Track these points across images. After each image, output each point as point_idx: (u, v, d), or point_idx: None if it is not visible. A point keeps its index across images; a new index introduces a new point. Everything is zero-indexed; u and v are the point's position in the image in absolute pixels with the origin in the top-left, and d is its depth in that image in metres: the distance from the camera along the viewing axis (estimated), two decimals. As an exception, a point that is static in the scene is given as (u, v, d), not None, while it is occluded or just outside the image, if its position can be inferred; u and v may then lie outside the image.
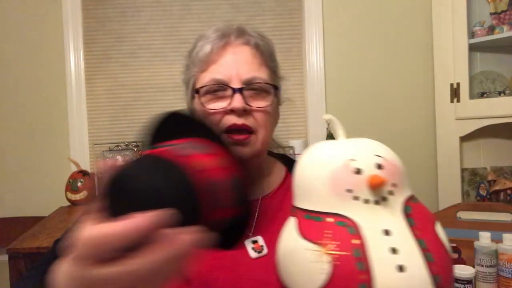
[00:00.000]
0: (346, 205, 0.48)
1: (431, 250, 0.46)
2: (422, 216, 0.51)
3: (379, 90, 1.93)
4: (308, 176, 0.53)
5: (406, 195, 0.51)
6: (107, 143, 1.94)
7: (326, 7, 1.94)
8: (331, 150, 0.53)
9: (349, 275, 0.44)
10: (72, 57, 1.94)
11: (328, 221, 0.48)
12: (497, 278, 1.12)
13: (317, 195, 0.50)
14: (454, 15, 1.68)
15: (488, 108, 1.63)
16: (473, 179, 1.77)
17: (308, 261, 0.46)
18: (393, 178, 0.50)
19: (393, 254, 0.45)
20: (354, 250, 0.45)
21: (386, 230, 0.47)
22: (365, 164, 0.49)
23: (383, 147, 0.55)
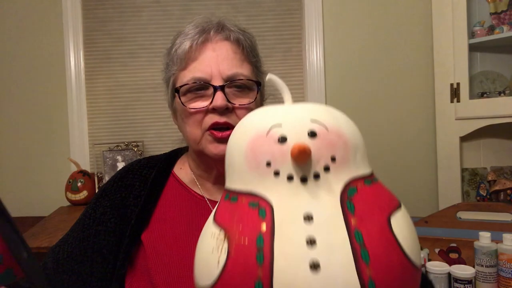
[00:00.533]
0: (265, 183, 0.38)
1: (370, 247, 0.35)
2: (372, 202, 0.38)
3: (379, 90, 1.93)
4: (230, 148, 0.43)
5: (355, 174, 0.40)
6: (107, 143, 1.94)
7: (326, 7, 1.93)
8: (258, 116, 0.43)
9: (244, 269, 0.35)
10: (72, 57, 1.94)
11: (242, 202, 0.39)
12: (497, 278, 1.12)
13: (236, 171, 0.41)
14: (454, 15, 1.68)
15: (488, 108, 1.63)
16: (473, 179, 1.76)
17: (209, 249, 0.38)
18: (331, 150, 0.39)
19: (309, 246, 0.34)
20: (257, 238, 0.35)
21: (309, 215, 0.36)
22: (293, 131, 0.39)
23: (331, 112, 0.42)
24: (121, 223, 0.71)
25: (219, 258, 0.37)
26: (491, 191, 1.69)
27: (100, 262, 0.69)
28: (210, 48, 0.69)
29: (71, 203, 1.78)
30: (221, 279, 0.36)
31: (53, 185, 1.90)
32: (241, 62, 0.70)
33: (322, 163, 0.38)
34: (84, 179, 1.76)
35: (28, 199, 1.93)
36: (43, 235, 1.36)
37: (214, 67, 0.67)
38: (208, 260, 0.38)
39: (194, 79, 0.67)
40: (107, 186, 0.77)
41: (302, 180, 0.38)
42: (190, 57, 0.69)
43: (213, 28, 0.71)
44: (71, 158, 1.85)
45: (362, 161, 0.41)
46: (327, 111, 0.42)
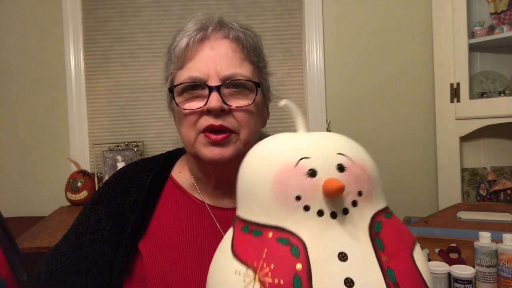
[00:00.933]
0: (294, 217, 0.36)
1: (402, 284, 0.35)
2: (396, 237, 0.38)
3: (379, 90, 1.93)
4: (250, 177, 0.40)
5: (377, 208, 0.39)
6: (107, 143, 1.94)
7: (326, 7, 1.93)
8: (281, 145, 0.41)
9: None
10: (72, 57, 1.94)
11: (269, 236, 0.37)
12: (497, 278, 1.12)
13: (259, 202, 0.38)
14: (454, 15, 1.68)
15: (488, 108, 1.63)
16: (473, 179, 1.76)
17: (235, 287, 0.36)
18: (359, 184, 0.38)
19: (347, 287, 0.34)
20: (294, 278, 0.34)
21: (343, 254, 0.35)
22: (322, 165, 0.38)
23: (351, 143, 0.42)
24: (117, 232, 0.67)
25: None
26: (491, 191, 1.69)
27: (95, 273, 0.65)
28: (208, 46, 0.65)
29: (71, 203, 1.78)
30: None
31: (53, 185, 1.90)
32: (240, 62, 0.66)
33: (351, 198, 0.38)
34: (84, 179, 1.76)
35: (28, 199, 1.93)
36: (43, 235, 1.36)
37: (212, 66, 0.64)
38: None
39: (190, 79, 0.64)
40: (102, 192, 0.73)
41: (332, 215, 0.37)
42: (187, 55, 0.66)
43: (211, 25, 0.68)
44: (71, 158, 1.85)
45: (381, 194, 0.41)
46: (349, 144, 0.42)
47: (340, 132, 0.45)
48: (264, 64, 0.72)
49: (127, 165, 0.78)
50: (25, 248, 1.27)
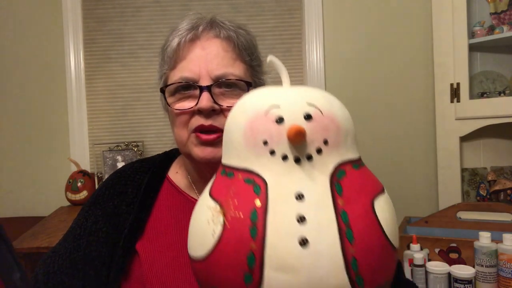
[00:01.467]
0: (261, 160, 0.40)
1: (354, 227, 0.37)
2: (359, 185, 0.40)
3: (379, 90, 1.93)
4: (229, 125, 0.44)
5: (344, 158, 0.41)
6: (107, 143, 1.94)
7: (326, 7, 1.93)
8: (257, 96, 0.44)
9: (238, 241, 0.37)
10: (72, 57, 1.94)
11: (238, 177, 0.40)
12: (497, 278, 1.12)
13: (234, 148, 0.42)
14: (454, 15, 1.68)
15: (488, 108, 1.63)
16: (473, 179, 1.76)
17: (204, 220, 0.40)
18: (325, 133, 0.40)
19: (299, 223, 0.36)
20: (251, 212, 0.37)
21: (300, 194, 0.38)
22: (290, 113, 0.40)
23: (328, 98, 0.44)
24: (113, 233, 0.67)
25: (214, 229, 0.38)
26: (491, 191, 1.69)
27: (92, 275, 0.65)
28: (199, 46, 0.65)
29: (71, 203, 1.78)
30: (216, 250, 0.38)
31: (53, 185, 1.90)
32: (232, 61, 0.65)
33: (316, 145, 0.40)
34: (84, 179, 1.76)
35: (28, 199, 1.93)
36: (43, 235, 1.36)
37: (203, 66, 0.63)
38: (203, 231, 0.40)
39: (182, 79, 0.64)
40: (99, 193, 0.73)
41: (295, 160, 0.39)
42: (179, 55, 0.66)
43: (202, 25, 0.67)
44: (71, 158, 1.85)
45: (351, 146, 0.43)
46: (323, 96, 0.44)
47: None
48: (258, 63, 0.72)
49: (124, 166, 0.78)
50: (25, 248, 1.27)
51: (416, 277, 1.20)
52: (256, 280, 0.36)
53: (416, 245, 1.25)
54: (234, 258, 0.37)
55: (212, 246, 0.38)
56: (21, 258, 1.27)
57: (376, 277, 0.38)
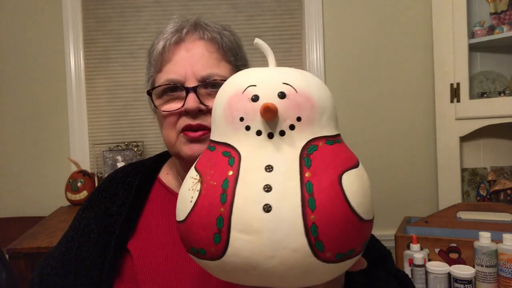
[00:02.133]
0: (237, 135, 0.43)
1: (317, 196, 0.39)
2: (329, 159, 0.42)
3: (379, 90, 1.93)
4: (214, 104, 0.48)
5: (318, 134, 0.44)
6: (107, 143, 1.94)
7: (326, 7, 1.93)
8: (238, 76, 0.47)
9: (210, 206, 0.41)
10: (72, 57, 1.94)
11: (218, 151, 0.45)
12: (497, 278, 1.12)
13: (216, 124, 0.46)
14: (454, 15, 1.68)
15: (488, 108, 1.63)
16: (473, 179, 1.77)
17: (186, 188, 0.44)
18: (298, 111, 0.43)
19: (265, 191, 0.40)
20: (224, 181, 0.41)
21: (269, 166, 0.41)
22: (265, 91, 0.43)
23: (305, 78, 0.46)
24: (104, 234, 0.69)
25: (193, 196, 0.43)
26: (491, 191, 1.69)
27: (84, 275, 0.66)
28: (183, 48, 0.66)
29: (71, 203, 1.78)
30: (192, 214, 0.42)
31: (53, 185, 1.90)
32: (217, 62, 0.67)
33: (288, 122, 0.43)
34: (84, 179, 1.76)
35: (28, 199, 1.93)
36: (43, 235, 1.36)
37: (188, 68, 0.65)
38: (184, 198, 0.44)
39: (168, 81, 0.65)
40: (92, 197, 0.75)
41: (269, 135, 0.43)
42: (164, 58, 0.67)
43: (186, 27, 0.68)
44: (71, 158, 1.85)
45: (327, 123, 0.45)
46: (301, 76, 0.46)
47: (340, 132, 0.47)
48: (244, 63, 0.73)
49: (116, 170, 0.80)
50: (25, 248, 1.27)
51: (416, 277, 1.20)
52: (224, 240, 0.40)
53: (416, 245, 1.25)
54: (206, 221, 0.41)
55: (189, 210, 0.42)
56: (21, 258, 1.27)
57: (337, 244, 0.40)
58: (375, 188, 2.10)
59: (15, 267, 1.26)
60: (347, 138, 1.79)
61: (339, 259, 0.40)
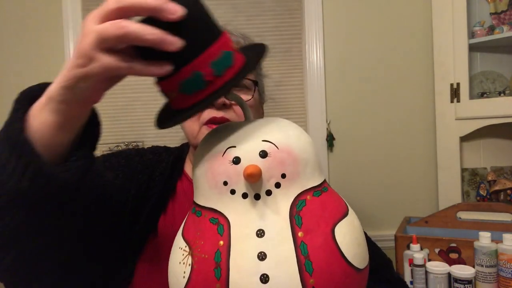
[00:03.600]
0: (223, 200, 0.42)
1: (313, 258, 0.38)
2: (319, 213, 0.41)
3: (379, 90, 1.93)
4: (194, 166, 0.46)
5: (304, 187, 0.42)
6: (107, 143, 1.94)
7: (326, 7, 1.93)
8: (216, 137, 0.45)
9: (205, 282, 0.38)
10: (72, 57, 1.94)
11: (204, 217, 0.42)
12: (497, 278, 1.12)
13: (199, 188, 0.44)
14: (454, 15, 1.68)
15: (488, 108, 1.63)
16: (473, 179, 1.77)
17: (176, 261, 0.42)
18: (281, 168, 0.41)
19: (259, 260, 0.38)
20: (215, 253, 0.39)
21: (260, 231, 0.39)
22: (246, 152, 0.42)
23: (285, 129, 0.44)
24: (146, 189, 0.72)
25: (185, 271, 0.40)
26: (491, 191, 1.69)
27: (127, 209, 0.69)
28: None
29: (71, 203, 1.78)
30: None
31: (53, 185, 1.90)
32: None
33: (273, 181, 0.41)
34: (84, 179, 1.76)
35: (28, 199, 1.93)
36: (43, 235, 1.35)
37: None
38: (176, 272, 0.42)
39: None
40: (132, 151, 0.79)
41: (255, 197, 0.41)
42: None
43: None
44: (71, 158, 1.85)
45: (312, 174, 0.43)
46: (278, 129, 0.44)
47: (340, 133, 0.47)
48: (260, 67, 0.80)
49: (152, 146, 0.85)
50: (25, 248, 1.26)
51: (416, 277, 1.20)
52: None
53: (416, 245, 1.25)
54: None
55: (183, 287, 0.40)
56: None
57: None
58: (375, 188, 2.10)
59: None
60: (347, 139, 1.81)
61: None
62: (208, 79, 0.40)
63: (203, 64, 0.40)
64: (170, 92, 0.43)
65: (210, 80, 0.40)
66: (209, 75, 0.40)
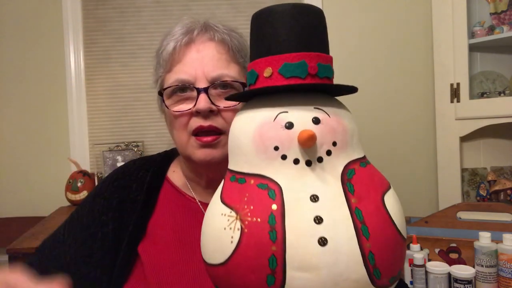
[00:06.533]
0: (273, 165, 0.40)
1: (369, 223, 0.38)
2: (368, 182, 0.42)
3: (379, 90, 1.93)
4: (236, 132, 0.44)
5: (352, 158, 0.43)
6: (107, 143, 1.94)
7: (326, 7, 1.93)
8: (265, 102, 0.44)
9: (258, 245, 0.37)
10: (72, 57, 1.94)
11: (251, 183, 0.41)
12: (497, 278, 1.12)
13: (243, 154, 0.43)
14: (454, 15, 1.68)
15: (488, 108, 1.63)
16: (473, 179, 1.76)
17: (220, 227, 0.40)
18: (333, 135, 0.42)
19: (316, 224, 0.37)
20: (269, 217, 0.38)
21: (314, 196, 0.39)
22: (299, 118, 0.41)
23: (331, 100, 0.46)
24: (118, 229, 0.68)
25: (233, 236, 0.39)
26: (491, 191, 1.69)
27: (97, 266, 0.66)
28: (194, 49, 0.66)
29: (71, 203, 1.78)
30: (236, 255, 0.38)
31: (53, 185, 1.90)
32: (227, 63, 0.66)
33: (325, 148, 0.41)
34: (84, 179, 1.76)
35: (28, 199, 1.93)
36: (43, 235, 1.35)
37: (199, 68, 0.65)
38: (220, 238, 0.40)
39: (178, 81, 0.65)
40: (102, 186, 0.74)
41: (307, 163, 0.40)
42: (175, 59, 0.67)
43: (197, 29, 0.68)
44: (71, 158, 1.85)
45: (357, 145, 0.45)
46: (328, 100, 0.45)
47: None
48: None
49: (127, 162, 0.79)
50: (25, 248, 1.27)
51: (416, 277, 1.19)
52: (279, 281, 0.37)
53: (416, 245, 1.25)
54: (256, 262, 0.37)
55: (231, 252, 0.39)
56: (21, 258, 1.26)
57: (391, 269, 0.39)
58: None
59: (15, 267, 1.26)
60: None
61: (392, 282, 0.40)
62: (310, 72, 0.42)
63: (313, 59, 0.43)
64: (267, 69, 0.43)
65: (311, 73, 0.43)
66: (312, 69, 0.42)
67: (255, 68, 0.45)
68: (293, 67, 0.42)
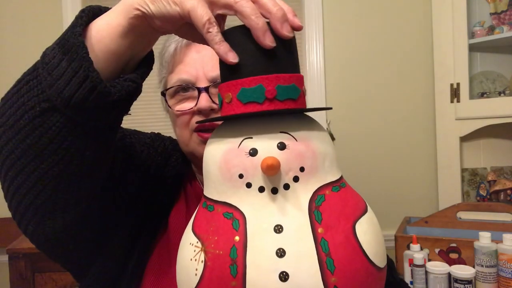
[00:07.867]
0: (238, 194, 0.40)
1: (335, 255, 0.36)
2: (339, 209, 0.40)
3: (379, 90, 1.93)
4: (206, 158, 0.44)
5: (323, 182, 0.41)
6: (107, 143, 1.94)
7: (326, 7, 1.93)
8: (230, 128, 0.43)
9: (219, 279, 0.37)
10: (72, 57, 1.94)
11: (218, 211, 0.40)
12: (497, 278, 1.12)
13: (212, 181, 0.42)
14: (454, 15, 1.68)
15: (488, 108, 1.63)
16: (473, 179, 1.77)
17: (188, 257, 0.40)
18: (300, 161, 0.40)
19: (278, 257, 0.36)
20: (231, 249, 0.37)
21: (279, 226, 0.37)
22: (263, 144, 0.40)
23: (303, 121, 0.44)
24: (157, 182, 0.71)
25: (197, 268, 0.38)
26: (491, 191, 1.69)
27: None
28: (194, 49, 0.69)
29: (71, 203, 1.77)
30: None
31: (53, 185, 1.90)
32: None
33: (292, 174, 0.39)
34: (84, 179, 1.76)
35: (28, 199, 1.93)
36: (43, 235, 1.35)
37: (199, 68, 0.67)
38: (187, 269, 0.40)
39: (180, 81, 0.68)
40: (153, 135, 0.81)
41: (272, 191, 0.39)
42: (176, 60, 0.70)
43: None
44: (71, 158, 1.85)
45: (330, 168, 0.42)
46: (297, 120, 0.43)
47: (340, 133, 0.46)
48: None
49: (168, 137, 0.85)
50: (25, 248, 1.27)
51: (416, 277, 1.20)
52: None
53: (416, 245, 1.25)
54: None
55: (195, 285, 0.38)
56: (21, 258, 1.27)
57: None
58: (375, 188, 2.10)
59: (15, 267, 1.26)
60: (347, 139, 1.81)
61: None
62: (267, 96, 0.41)
63: (271, 82, 0.41)
64: (227, 94, 0.43)
65: (269, 97, 0.41)
66: (269, 94, 0.40)
67: (220, 92, 0.45)
68: (249, 92, 0.40)
